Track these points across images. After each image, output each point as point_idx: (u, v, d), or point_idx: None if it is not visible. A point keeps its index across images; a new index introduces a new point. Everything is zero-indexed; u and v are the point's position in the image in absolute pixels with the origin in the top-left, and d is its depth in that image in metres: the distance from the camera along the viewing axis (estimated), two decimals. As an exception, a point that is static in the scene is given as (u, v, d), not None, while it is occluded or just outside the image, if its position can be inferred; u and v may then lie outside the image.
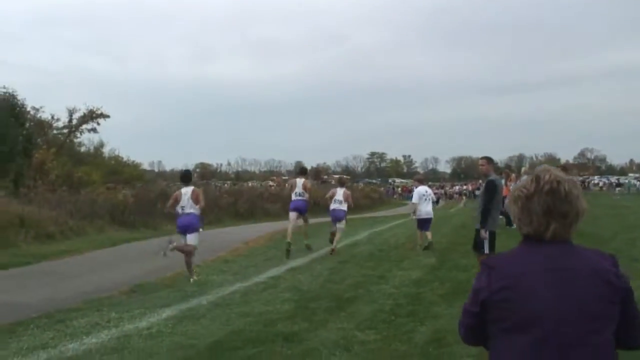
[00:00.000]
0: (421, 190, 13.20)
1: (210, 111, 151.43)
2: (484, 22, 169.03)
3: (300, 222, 13.34)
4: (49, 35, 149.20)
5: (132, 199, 21.50)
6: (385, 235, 16.10)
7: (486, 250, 8.08)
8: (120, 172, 34.37)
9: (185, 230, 9.50)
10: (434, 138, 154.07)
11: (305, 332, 6.06)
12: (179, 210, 9.56)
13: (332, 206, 13.08)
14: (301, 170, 14.21)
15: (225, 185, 48.26)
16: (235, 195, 29.24)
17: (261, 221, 24.64)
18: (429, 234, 12.90)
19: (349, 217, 13.72)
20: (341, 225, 13.00)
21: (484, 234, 8.03)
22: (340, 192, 13.12)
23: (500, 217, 17.62)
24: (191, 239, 9.44)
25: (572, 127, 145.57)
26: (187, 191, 9.61)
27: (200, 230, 9.68)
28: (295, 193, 12.96)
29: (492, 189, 8.08)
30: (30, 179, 21.73)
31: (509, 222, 17.57)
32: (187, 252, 9.48)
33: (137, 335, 6.07)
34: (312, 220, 14.49)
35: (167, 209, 10.30)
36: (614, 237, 13.55)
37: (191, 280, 9.43)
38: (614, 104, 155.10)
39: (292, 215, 12.96)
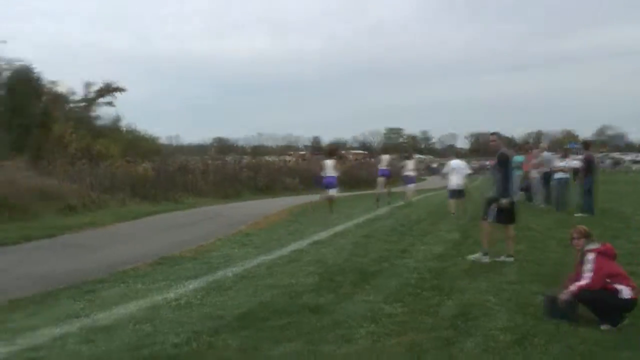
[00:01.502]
0: (452, 163, 14.62)
1: (228, 86, 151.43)
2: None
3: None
4: (67, 11, 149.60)
5: (153, 172, 21.61)
6: (406, 210, 16.05)
7: (490, 219, 8.29)
8: (138, 146, 34.28)
9: (328, 186, 14.69)
10: (452, 115, 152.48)
11: (332, 304, 6.05)
12: (322, 174, 14.78)
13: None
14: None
15: (244, 159, 48.17)
16: (255, 170, 29.25)
17: (280, 195, 24.69)
18: (461, 203, 14.17)
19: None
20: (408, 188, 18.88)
21: (505, 202, 8.23)
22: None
23: (521, 192, 17.65)
24: (333, 191, 14.85)
25: (591, 105, 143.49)
26: (330, 161, 14.79)
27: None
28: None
29: (504, 161, 8.33)
30: (50, 153, 21.82)
31: (529, 198, 17.48)
32: (330, 199, 15.00)
33: (167, 306, 6.11)
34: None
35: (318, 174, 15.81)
36: (635, 213, 13.44)
37: (332, 216, 14.48)
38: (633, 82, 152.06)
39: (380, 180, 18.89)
